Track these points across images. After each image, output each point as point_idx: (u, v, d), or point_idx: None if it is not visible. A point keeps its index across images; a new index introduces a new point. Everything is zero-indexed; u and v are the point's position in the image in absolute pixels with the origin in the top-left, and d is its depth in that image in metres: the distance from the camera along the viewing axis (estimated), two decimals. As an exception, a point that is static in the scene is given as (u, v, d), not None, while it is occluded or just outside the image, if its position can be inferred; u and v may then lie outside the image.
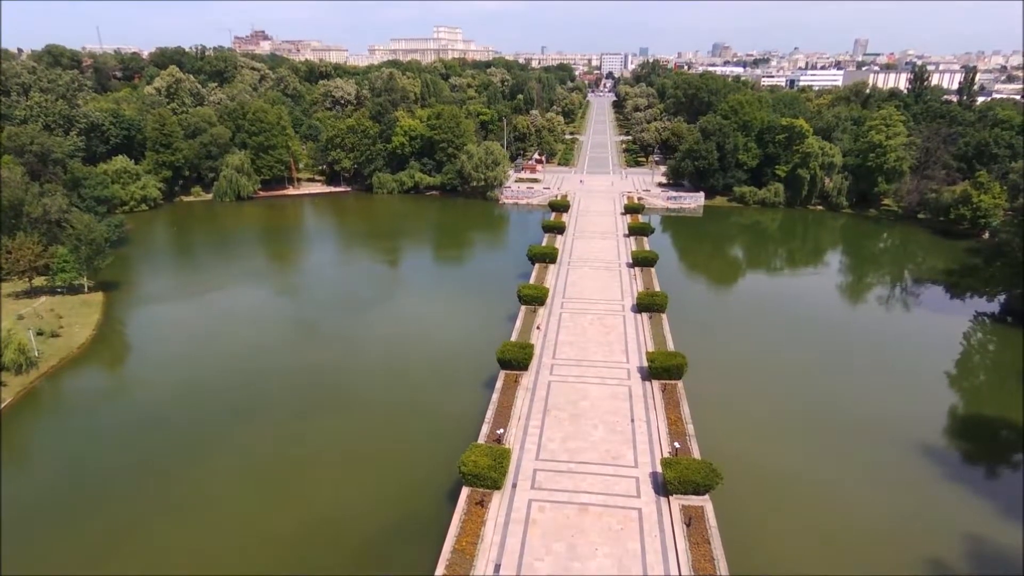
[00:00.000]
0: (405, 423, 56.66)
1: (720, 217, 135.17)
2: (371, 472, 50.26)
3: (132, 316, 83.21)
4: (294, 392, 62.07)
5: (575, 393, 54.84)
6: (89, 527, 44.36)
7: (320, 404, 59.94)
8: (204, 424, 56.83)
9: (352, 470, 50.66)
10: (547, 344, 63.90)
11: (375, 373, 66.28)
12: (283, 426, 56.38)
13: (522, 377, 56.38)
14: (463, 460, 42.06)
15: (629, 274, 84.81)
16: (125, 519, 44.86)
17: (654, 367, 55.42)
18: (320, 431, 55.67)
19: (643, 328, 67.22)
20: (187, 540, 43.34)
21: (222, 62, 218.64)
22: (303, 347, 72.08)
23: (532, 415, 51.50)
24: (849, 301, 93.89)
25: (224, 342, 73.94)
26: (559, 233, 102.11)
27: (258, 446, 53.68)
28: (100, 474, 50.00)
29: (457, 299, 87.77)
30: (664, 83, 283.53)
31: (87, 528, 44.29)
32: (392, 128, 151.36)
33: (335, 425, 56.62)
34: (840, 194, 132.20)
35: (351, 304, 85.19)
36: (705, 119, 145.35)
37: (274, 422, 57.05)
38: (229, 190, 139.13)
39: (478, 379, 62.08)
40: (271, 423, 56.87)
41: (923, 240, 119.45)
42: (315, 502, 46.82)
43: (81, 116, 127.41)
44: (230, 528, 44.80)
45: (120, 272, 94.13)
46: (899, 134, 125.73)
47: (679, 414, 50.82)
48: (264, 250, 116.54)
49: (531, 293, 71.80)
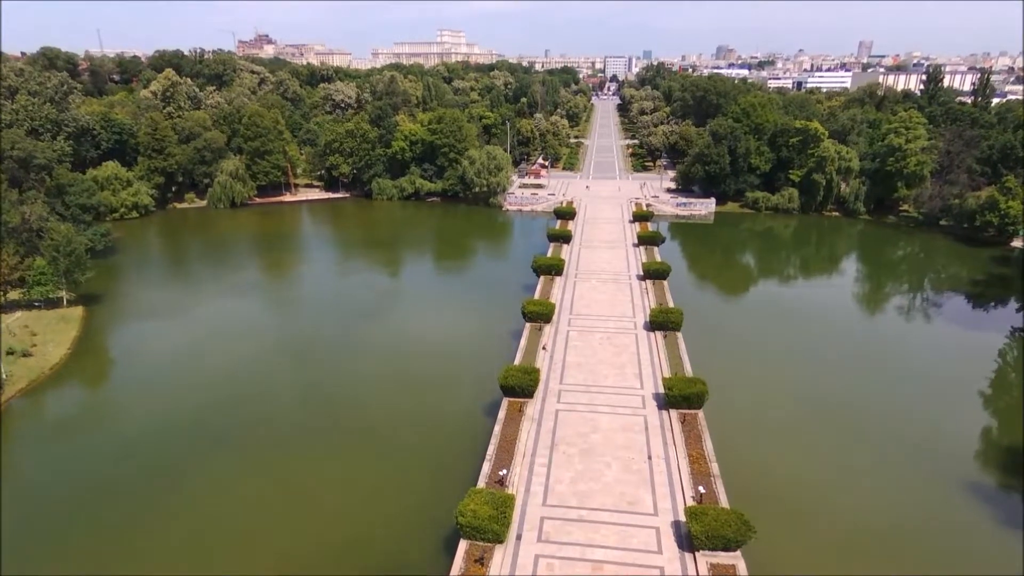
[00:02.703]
0: (398, 458, 51.57)
1: (732, 224, 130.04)
2: (357, 516, 45.26)
3: (113, 332, 78.57)
4: (276, 422, 56.97)
5: (585, 424, 49.85)
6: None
7: (304, 435, 55.02)
8: (176, 455, 51.83)
9: (337, 512, 45.66)
10: (554, 366, 58.89)
11: (367, 399, 61.36)
12: (260, 461, 51.43)
13: (527, 406, 51.45)
14: (461, 509, 37.13)
15: (640, 287, 79.78)
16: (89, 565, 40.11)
17: (672, 395, 50.36)
18: (302, 467, 50.57)
19: (657, 348, 62.18)
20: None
21: (220, 65, 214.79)
22: (290, 370, 67.07)
23: (538, 450, 46.51)
24: (874, 314, 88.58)
25: (207, 362, 69.07)
26: (565, 242, 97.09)
27: (233, 483, 48.78)
28: (56, 515, 45.16)
29: (458, 315, 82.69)
30: (670, 86, 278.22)
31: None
32: (392, 132, 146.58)
33: (319, 459, 51.57)
34: (857, 200, 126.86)
35: (345, 321, 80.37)
36: (716, 122, 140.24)
37: (250, 456, 52.12)
38: (223, 196, 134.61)
39: (479, 405, 57.17)
40: (246, 456, 51.93)
41: (946, 248, 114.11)
42: (293, 553, 41.72)
43: (70, 120, 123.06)
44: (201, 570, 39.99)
45: (104, 284, 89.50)
46: (919, 137, 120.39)
47: (702, 450, 45.79)
48: (256, 260, 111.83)
49: (536, 310, 66.86)
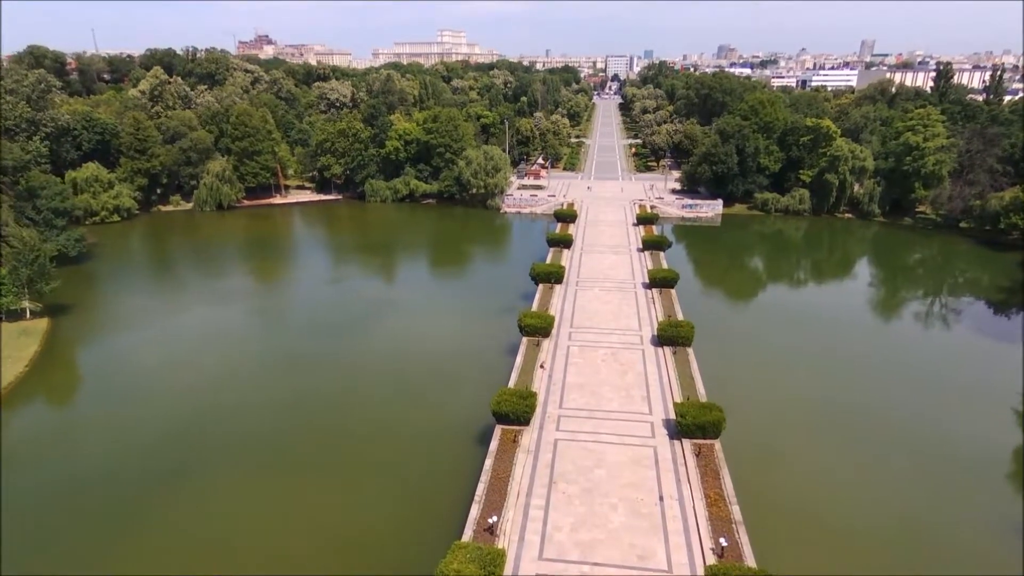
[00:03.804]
0: (374, 499, 45.84)
1: (740, 226, 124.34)
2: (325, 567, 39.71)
3: (79, 347, 73.06)
4: (241, 452, 51.31)
5: (587, 456, 44.27)
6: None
7: (273, 464, 49.48)
8: (124, 489, 46.30)
9: (305, 567, 40.12)
10: (553, 388, 53.31)
11: (346, 425, 55.46)
12: (217, 495, 45.97)
13: (522, 435, 45.89)
14: (443, 569, 31.68)
15: (646, 296, 74.19)
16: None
17: (685, 424, 44.78)
18: (267, 503, 45.06)
19: (666, 366, 56.58)
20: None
21: (213, 64, 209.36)
22: (266, 389, 61.30)
23: (535, 489, 40.94)
24: (896, 323, 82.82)
25: (178, 380, 63.34)
26: (566, 247, 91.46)
27: (189, 521, 43.27)
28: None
29: (451, 327, 76.66)
30: (673, 84, 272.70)
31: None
32: (386, 132, 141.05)
33: (285, 495, 45.86)
34: (872, 201, 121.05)
35: (330, 334, 74.73)
36: (723, 120, 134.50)
37: (212, 487, 46.63)
38: (210, 199, 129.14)
39: (470, 432, 51.63)
40: (203, 495, 46.19)
41: (967, 252, 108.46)
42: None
43: (48, 119, 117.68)
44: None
45: (75, 293, 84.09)
46: (938, 135, 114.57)
47: (720, 489, 40.18)
48: (239, 266, 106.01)
49: (534, 323, 61.26)
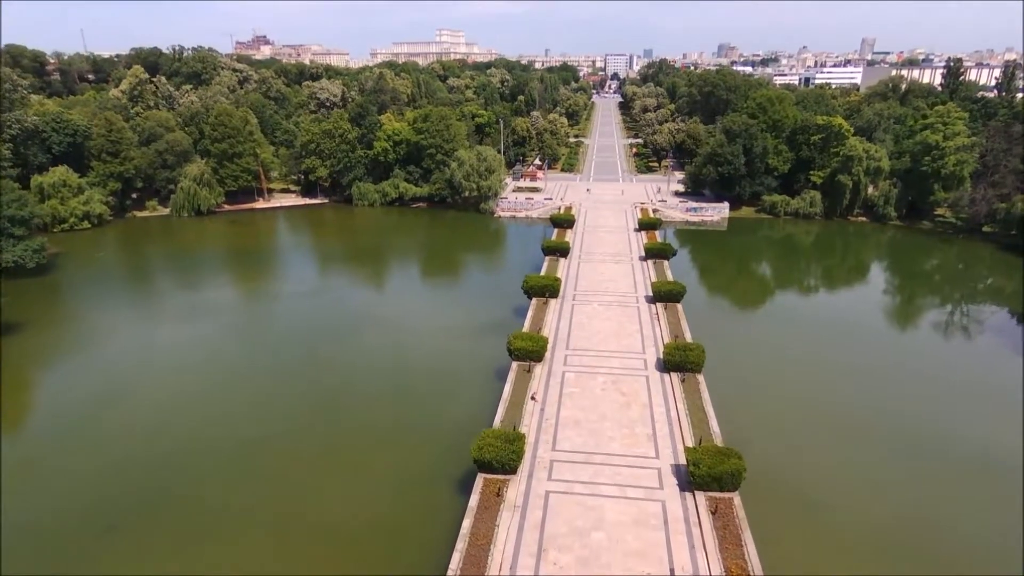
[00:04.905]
0: (332, 565, 39.07)
1: (747, 231, 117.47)
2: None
3: (26, 371, 66.10)
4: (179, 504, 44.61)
5: (584, 515, 37.40)
6: None
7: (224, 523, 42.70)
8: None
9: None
10: (545, 424, 46.44)
11: (315, 468, 48.19)
12: (158, 546, 39.02)
13: (507, 487, 39.07)
14: None
15: (650, 312, 67.33)
16: None
17: (699, 475, 37.96)
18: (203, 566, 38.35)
19: (674, 397, 49.74)
20: None
21: (199, 63, 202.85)
22: (217, 426, 54.53)
23: (520, 559, 34.10)
24: (924, 339, 75.89)
25: (127, 407, 56.58)
26: (562, 256, 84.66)
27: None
28: None
29: (435, 348, 68.23)
30: (675, 82, 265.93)
31: None
32: (374, 132, 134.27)
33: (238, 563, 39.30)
34: (887, 203, 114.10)
35: (302, 357, 67.43)
36: (729, 118, 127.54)
37: (141, 544, 39.80)
38: (187, 204, 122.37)
39: (448, 480, 44.67)
40: (139, 546, 39.51)
41: (991, 257, 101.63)
42: None
43: (13, 121, 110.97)
44: None
45: (28, 309, 77.48)
46: (959, 134, 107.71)
47: (743, 558, 33.39)
48: (213, 277, 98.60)
49: (525, 346, 54.34)
